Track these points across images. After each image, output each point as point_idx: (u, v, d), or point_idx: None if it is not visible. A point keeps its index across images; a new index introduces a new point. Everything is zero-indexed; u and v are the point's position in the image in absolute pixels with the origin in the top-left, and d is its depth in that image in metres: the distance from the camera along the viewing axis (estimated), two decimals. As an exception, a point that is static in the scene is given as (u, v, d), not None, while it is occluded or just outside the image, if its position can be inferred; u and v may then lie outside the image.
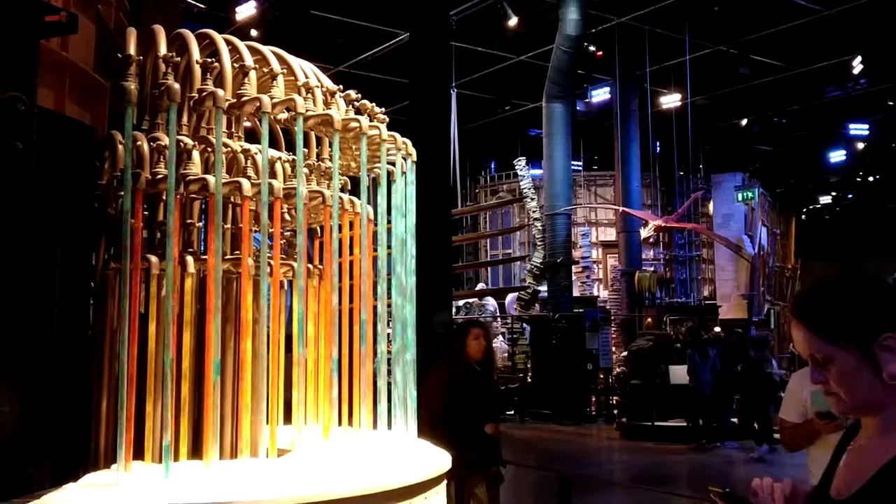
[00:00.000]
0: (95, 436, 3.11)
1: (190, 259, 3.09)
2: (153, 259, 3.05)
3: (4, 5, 2.71)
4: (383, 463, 3.13)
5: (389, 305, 3.68)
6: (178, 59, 3.23)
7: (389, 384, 3.60)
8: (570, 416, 15.71)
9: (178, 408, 2.91)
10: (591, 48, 19.40)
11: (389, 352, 3.68)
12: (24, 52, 2.85)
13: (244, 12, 16.66)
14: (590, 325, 16.75)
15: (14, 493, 2.64)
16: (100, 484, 2.80)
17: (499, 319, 20.35)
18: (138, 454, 2.91)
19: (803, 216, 34.15)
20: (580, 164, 25.42)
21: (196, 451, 2.99)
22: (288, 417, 3.34)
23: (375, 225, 3.71)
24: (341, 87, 3.57)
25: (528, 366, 17.63)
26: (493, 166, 29.07)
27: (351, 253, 3.58)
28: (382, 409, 3.50)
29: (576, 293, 19.36)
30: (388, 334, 3.69)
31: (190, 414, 2.97)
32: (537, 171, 20.85)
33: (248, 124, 3.78)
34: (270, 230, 3.15)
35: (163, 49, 3.26)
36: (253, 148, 3.41)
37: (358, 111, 3.57)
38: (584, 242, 22.09)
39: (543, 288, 18.61)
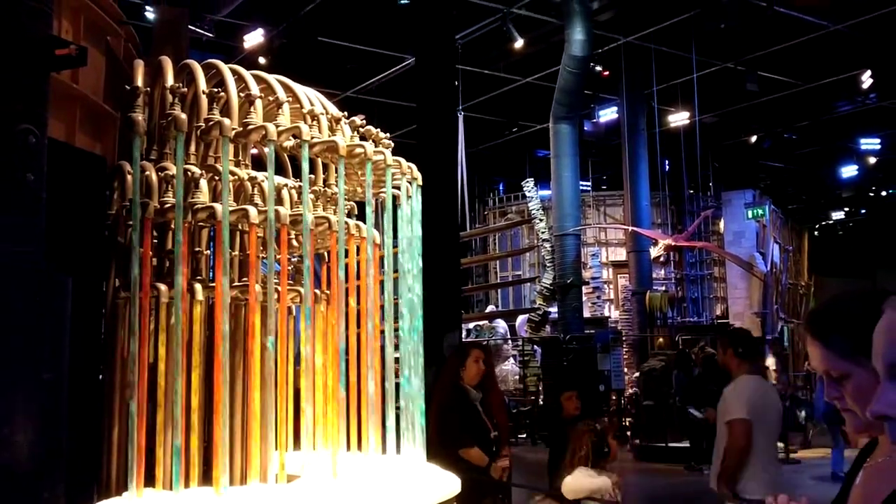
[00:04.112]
0: (107, 463, 3.13)
1: (198, 287, 3.12)
2: (162, 287, 3.08)
3: (15, 40, 2.77)
4: (391, 487, 3.13)
5: (396, 329, 3.70)
6: (185, 89, 3.28)
7: (398, 407, 3.61)
8: (583, 438, 15.57)
9: (187, 434, 2.93)
10: (598, 68, 19.47)
11: (397, 374, 3.69)
12: (35, 85, 2.90)
13: (252, 40, 16.84)
14: (601, 346, 16.69)
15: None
16: (111, 511, 2.82)
17: (509, 342, 20.29)
18: (149, 481, 2.92)
19: (816, 232, 34.00)
20: (589, 184, 25.43)
21: (206, 476, 3.00)
22: (298, 442, 3.35)
23: (382, 249, 3.74)
24: (346, 113, 3.61)
25: (540, 388, 17.56)
26: (501, 188, 29.12)
27: (358, 278, 3.61)
28: (391, 432, 3.51)
29: (587, 314, 19.30)
30: (397, 358, 3.70)
31: (200, 440, 2.99)
32: (546, 192, 20.88)
33: (255, 151, 3.82)
34: (278, 256, 3.18)
35: (170, 80, 3.31)
36: (260, 175, 3.45)
37: (363, 137, 3.60)
38: (593, 263, 22.04)
39: (554, 309, 18.57)
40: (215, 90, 3.28)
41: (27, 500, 2.67)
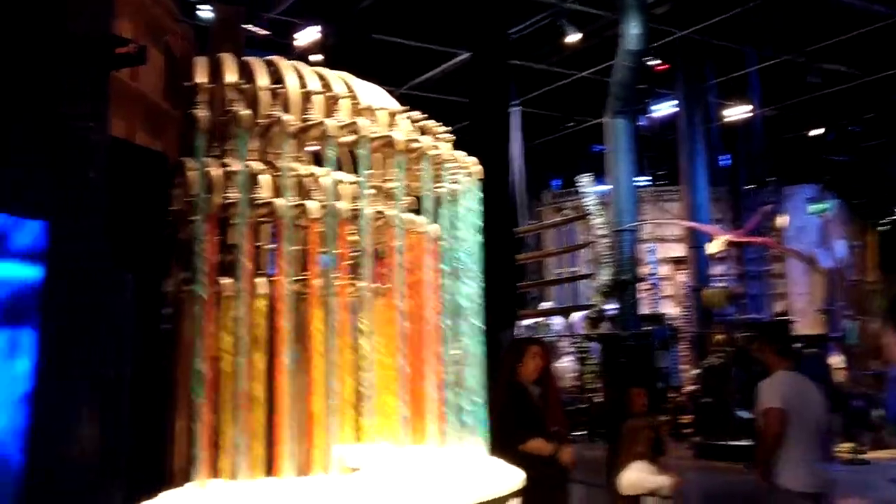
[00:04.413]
0: (171, 455, 3.16)
1: (260, 280, 3.14)
2: (225, 281, 3.10)
3: (77, 39, 2.81)
4: (452, 480, 3.11)
5: (455, 323, 3.67)
6: (246, 85, 3.29)
7: (458, 401, 3.59)
8: (641, 436, 15.39)
9: (252, 425, 2.95)
10: (654, 62, 19.20)
11: (457, 370, 3.66)
12: (96, 83, 2.95)
13: (306, 38, 16.98)
14: (659, 342, 16.47)
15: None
16: (175, 501, 2.85)
17: (567, 339, 20.17)
18: (213, 472, 2.95)
19: (885, 227, 32.89)
20: (647, 179, 25.10)
21: (269, 468, 3.02)
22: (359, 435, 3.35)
23: (440, 244, 3.71)
24: (409, 107, 3.60)
25: (598, 385, 17.40)
26: (556, 184, 28.90)
27: (416, 273, 3.59)
28: (452, 426, 3.49)
29: (644, 311, 19.05)
30: (456, 353, 3.67)
31: (263, 432, 3.01)
32: (602, 188, 20.66)
33: (316, 147, 3.83)
34: (338, 251, 3.18)
35: (230, 76, 3.33)
36: (319, 171, 3.45)
37: (423, 131, 3.58)
38: (650, 259, 21.75)
39: (610, 306, 18.37)
40: (275, 86, 3.29)
41: (91, 492, 2.72)
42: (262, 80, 3.32)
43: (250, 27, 14.90)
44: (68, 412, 2.64)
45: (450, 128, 3.83)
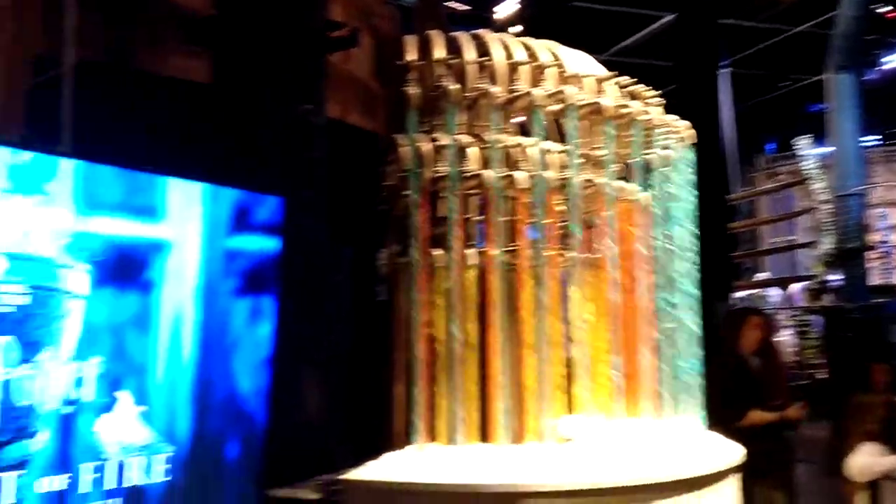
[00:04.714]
0: (391, 420, 3.31)
1: (470, 252, 3.20)
2: (437, 253, 3.19)
3: (295, 24, 2.97)
4: (667, 453, 3.03)
5: (669, 293, 3.56)
6: (454, 60, 3.34)
7: (674, 373, 3.49)
8: (871, 417, 14.28)
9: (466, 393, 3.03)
10: (884, 9, 17.52)
11: (671, 341, 3.56)
12: (313, 67, 3.10)
13: (505, 10, 16.99)
14: (891, 316, 15.17)
15: (320, 470, 2.89)
16: (396, 462, 2.99)
17: (785, 311, 19.04)
18: (431, 437, 3.06)
19: None
20: (876, 138, 23.03)
21: (484, 435, 3.09)
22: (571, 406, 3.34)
23: (652, 212, 3.60)
24: (617, 73, 3.51)
25: (820, 361, 16.32)
26: (771, 147, 27.20)
27: (627, 242, 3.51)
28: (667, 398, 3.39)
29: (874, 281, 17.58)
30: (670, 324, 3.56)
31: (478, 399, 3.08)
32: (823, 150, 19.19)
33: (522, 118, 3.83)
34: (547, 221, 3.18)
35: (439, 53, 3.39)
36: (526, 141, 3.45)
37: (632, 97, 3.49)
38: (881, 225, 20.01)
39: (834, 277, 17.11)
40: (482, 59, 3.31)
41: (318, 454, 2.91)
42: (470, 54, 3.35)
43: (451, 3, 15.11)
44: (301, 377, 2.83)
45: (658, 92, 3.70)
